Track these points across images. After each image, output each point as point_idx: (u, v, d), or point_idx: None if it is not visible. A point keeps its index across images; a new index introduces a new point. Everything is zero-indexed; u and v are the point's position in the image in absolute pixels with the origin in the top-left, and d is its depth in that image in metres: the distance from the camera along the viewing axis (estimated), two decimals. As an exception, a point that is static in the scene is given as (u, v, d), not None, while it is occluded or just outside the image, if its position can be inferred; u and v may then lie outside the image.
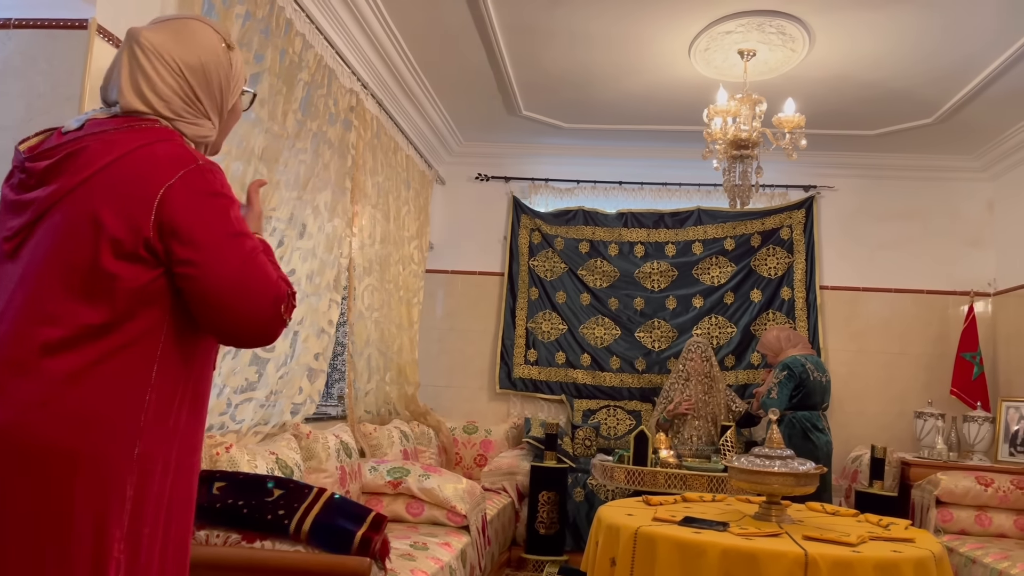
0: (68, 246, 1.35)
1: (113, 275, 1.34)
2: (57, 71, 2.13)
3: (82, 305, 1.33)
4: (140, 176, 1.37)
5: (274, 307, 1.41)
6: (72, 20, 2.14)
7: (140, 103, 1.46)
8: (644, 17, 3.93)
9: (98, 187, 1.37)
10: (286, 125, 3.25)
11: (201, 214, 1.38)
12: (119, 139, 1.41)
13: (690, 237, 5.97)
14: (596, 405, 5.88)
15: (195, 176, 1.40)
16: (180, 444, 1.43)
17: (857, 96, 4.75)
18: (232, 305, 1.38)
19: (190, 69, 1.49)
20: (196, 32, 1.53)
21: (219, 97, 1.55)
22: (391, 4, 3.92)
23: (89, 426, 1.30)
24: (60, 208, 1.38)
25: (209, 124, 1.55)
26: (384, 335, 4.69)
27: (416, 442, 4.85)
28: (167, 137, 1.44)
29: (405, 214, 5.09)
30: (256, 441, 3.04)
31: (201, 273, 1.37)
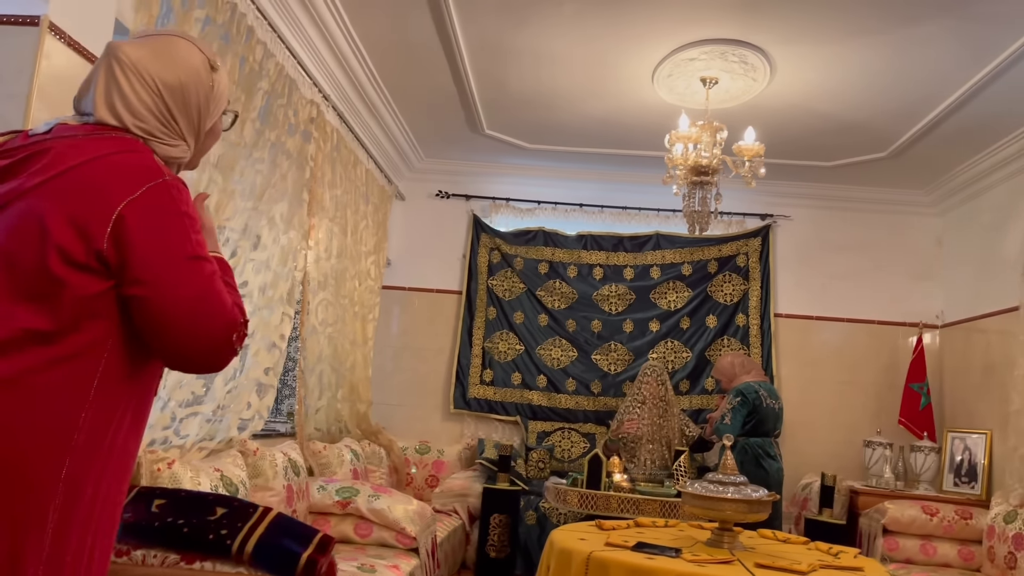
0: (16, 247, 1.29)
1: (60, 280, 1.27)
2: (5, 68, 2.05)
3: (25, 308, 1.26)
4: (100, 185, 1.31)
5: (226, 335, 1.35)
6: (23, 16, 2.06)
7: (112, 118, 1.41)
8: (609, 41, 3.95)
9: (55, 191, 1.31)
10: (243, 134, 3.18)
11: (160, 233, 1.32)
12: (85, 145, 1.36)
13: (648, 261, 6.00)
14: (551, 427, 5.84)
15: (159, 192, 1.34)
16: (113, 467, 1.36)
17: (815, 127, 4.84)
18: (183, 331, 1.32)
19: (168, 88, 1.44)
20: (179, 50, 1.48)
21: (196, 118, 1.50)
22: (356, 16, 3.89)
23: (15, 439, 1.22)
24: (13, 207, 1.32)
25: (183, 145, 1.50)
26: (337, 351, 4.61)
27: (367, 461, 4.76)
28: (135, 148, 1.39)
29: (363, 229, 5.02)
30: (201, 457, 2.94)
31: (154, 295, 1.31)
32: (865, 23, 3.58)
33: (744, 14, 3.60)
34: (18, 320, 1.26)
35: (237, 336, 1.38)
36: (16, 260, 1.28)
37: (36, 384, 1.25)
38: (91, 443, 1.30)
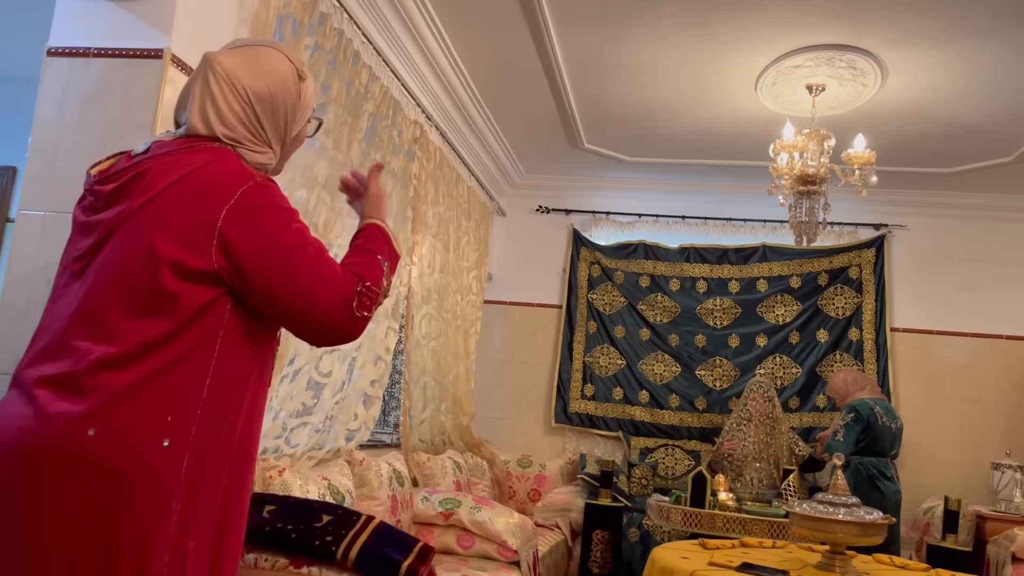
0: (129, 266, 1.38)
1: (174, 294, 1.36)
2: (132, 99, 2.20)
3: (143, 322, 1.35)
4: (199, 198, 1.39)
5: (345, 308, 1.43)
6: (148, 50, 2.22)
7: (203, 127, 1.50)
8: (710, 50, 3.89)
9: (159, 208, 1.40)
10: (350, 154, 3.30)
11: (260, 234, 1.40)
12: (179, 160, 1.44)
13: (755, 274, 5.84)
14: (654, 443, 5.75)
15: (253, 193, 1.42)
16: (235, 456, 1.43)
17: (931, 132, 4.61)
18: (303, 315, 1.42)
19: (258, 97, 1.52)
20: (269, 60, 1.55)
21: (283, 126, 1.57)
22: (457, 38, 3.98)
23: (137, 441, 1.31)
24: (123, 229, 1.41)
25: (270, 152, 1.57)
26: (440, 364, 4.69)
27: (469, 473, 4.82)
28: (224, 156, 1.47)
29: (465, 244, 5.11)
30: (310, 466, 3.05)
31: (268, 289, 1.40)
32: (981, 21, 3.40)
33: (851, 18, 3.48)
34: (138, 335, 1.34)
35: (358, 304, 1.45)
36: (131, 279, 1.37)
37: (153, 389, 1.33)
38: (208, 437, 1.38)
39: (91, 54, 2.24)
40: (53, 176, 2.20)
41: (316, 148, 3.04)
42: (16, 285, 2.15)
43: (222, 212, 1.38)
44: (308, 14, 2.89)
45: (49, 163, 2.21)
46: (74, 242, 1.50)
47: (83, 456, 1.28)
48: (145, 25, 2.23)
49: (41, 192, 2.19)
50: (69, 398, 1.31)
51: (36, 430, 1.30)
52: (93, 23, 2.26)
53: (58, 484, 1.28)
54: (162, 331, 1.35)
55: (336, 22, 3.15)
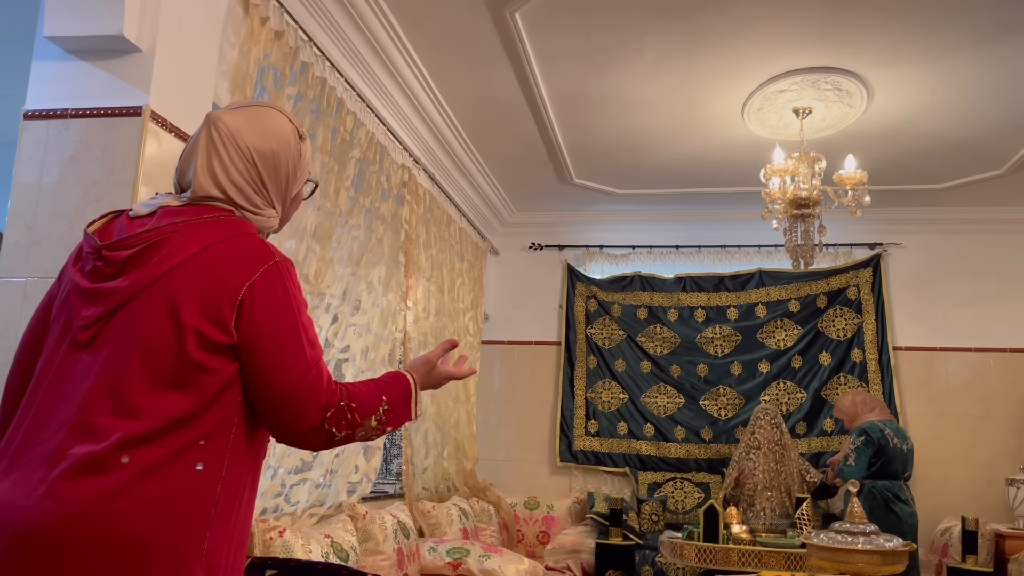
0: (152, 337, 1.33)
1: (201, 366, 1.33)
2: (112, 158, 2.16)
3: (168, 397, 1.31)
4: (222, 271, 1.37)
5: (319, 415, 1.39)
6: (127, 108, 2.18)
7: (214, 187, 1.47)
8: (694, 80, 3.89)
9: (181, 279, 1.36)
10: (339, 202, 3.26)
11: (275, 316, 1.39)
12: (200, 232, 1.41)
13: (752, 300, 5.80)
14: (662, 478, 5.65)
15: (273, 274, 1.40)
16: (239, 535, 1.39)
17: (920, 149, 4.60)
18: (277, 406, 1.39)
19: (261, 156, 1.50)
20: (271, 120, 1.54)
21: (284, 185, 1.55)
22: (440, 80, 3.97)
23: (164, 518, 1.26)
24: (142, 298, 1.36)
25: (273, 212, 1.55)
26: (441, 409, 4.61)
27: (476, 520, 4.71)
28: (245, 231, 1.45)
29: (459, 286, 5.06)
30: (311, 523, 2.96)
31: (257, 370, 1.37)
32: (964, 37, 3.40)
33: (834, 40, 3.48)
34: (164, 410, 1.30)
35: (332, 416, 1.39)
36: (155, 351, 1.33)
37: (181, 465, 1.29)
38: (225, 514, 1.34)
39: (69, 115, 2.21)
40: (34, 241, 2.15)
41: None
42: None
43: (244, 286, 1.37)
44: (289, 64, 2.87)
45: (29, 228, 2.16)
46: (77, 310, 1.41)
47: (111, 534, 1.23)
48: (123, 83, 2.20)
49: (22, 258, 2.14)
50: (90, 476, 1.25)
51: (54, 510, 1.24)
52: (69, 84, 2.23)
53: (84, 566, 1.22)
54: (189, 406, 1.31)
55: (318, 70, 3.13)
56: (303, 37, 3.01)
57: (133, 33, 2.17)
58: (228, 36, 2.58)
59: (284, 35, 2.83)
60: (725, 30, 3.43)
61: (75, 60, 2.23)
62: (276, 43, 2.79)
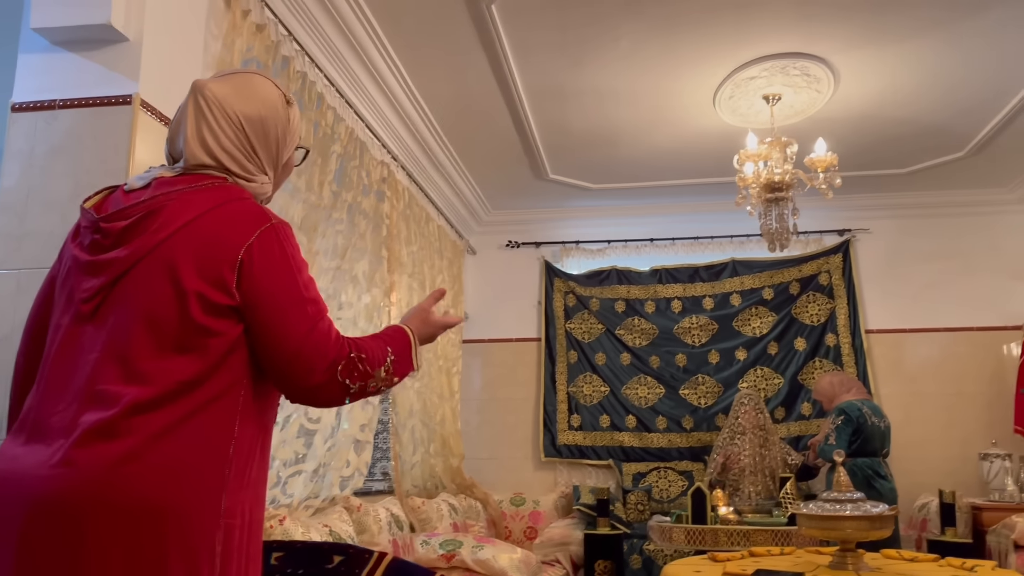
0: (155, 304, 1.34)
1: (206, 328, 1.34)
2: (103, 147, 2.16)
3: (176, 361, 1.32)
4: (220, 235, 1.38)
5: (330, 369, 1.39)
6: (116, 97, 2.18)
7: (205, 155, 1.47)
8: (668, 69, 3.96)
9: (179, 244, 1.37)
10: (322, 195, 3.27)
11: (274, 276, 1.39)
12: (196, 198, 1.42)
13: (727, 289, 5.89)
14: (645, 468, 5.71)
15: (270, 236, 1.41)
16: (252, 496, 1.40)
17: (886, 134, 4.73)
18: (287, 363, 1.39)
19: (249, 122, 1.50)
20: (257, 86, 1.55)
21: (275, 150, 1.56)
22: (417, 75, 4.00)
23: (179, 480, 1.28)
24: (142, 267, 1.37)
25: (265, 178, 1.56)
26: (427, 406, 4.62)
27: (465, 516, 4.72)
28: (240, 196, 1.46)
29: (440, 283, 5.08)
30: (308, 515, 2.96)
31: (267, 333, 1.38)
32: (927, 18, 3.51)
33: (801, 25, 3.57)
34: (172, 374, 1.31)
35: (344, 368, 1.40)
36: (159, 316, 1.34)
37: (191, 428, 1.30)
38: (239, 476, 1.35)
39: (57, 106, 2.20)
40: (25, 232, 2.14)
41: (290, 190, 3.01)
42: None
43: (241, 251, 1.37)
44: (271, 57, 2.89)
45: (20, 220, 2.15)
46: (78, 283, 1.42)
47: (127, 499, 1.24)
48: (112, 73, 2.20)
49: (14, 250, 2.13)
50: (104, 442, 1.26)
51: (70, 477, 1.25)
52: (57, 76, 2.23)
53: (103, 531, 1.23)
54: (197, 370, 1.33)
55: (298, 65, 3.15)
56: (283, 32, 3.02)
57: (120, 22, 2.18)
58: (211, 29, 2.59)
59: (265, 28, 2.85)
60: (697, 18, 3.50)
61: (62, 51, 2.23)
62: (258, 36, 2.80)
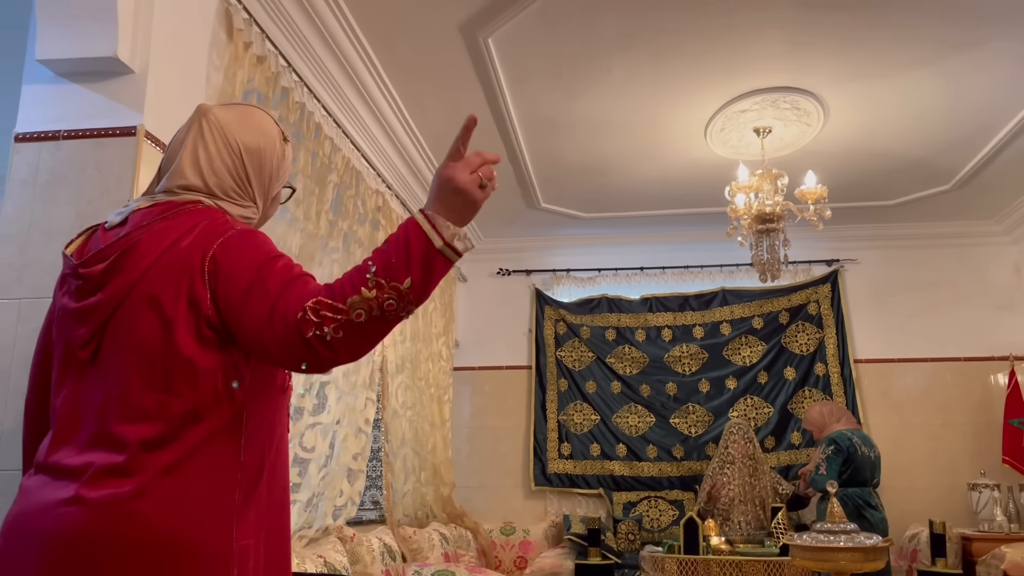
0: (144, 340, 1.34)
1: (196, 357, 1.33)
2: (107, 177, 2.17)
3: (173, 394, 1.32)
4: (191, 255, 1.36)
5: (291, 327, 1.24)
6: (121, 128, 2.20)
7: (195, 177, 1.49)
8: (660, 102, 4.02)
9: (157, 276, 1.36)
10: (320, 225, 3.29)
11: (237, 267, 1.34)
12: (167, 227, 1.41)
13: (717, 318, 5.93)
14: (636, 497, 5.70)
15: (233, 239, 1.38)
16: (266, 519, 1.39)
17: (873, 167, 4.80)
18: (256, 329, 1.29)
19: (248, 151, 1.53)
20: (259, 119, 1.58)
21: (267, 183, 1.58)
22: (413, 105, 4.04)
23: (189, 513, 1.27)
24: (126, 306, 1.37)
25: (253, 208, 1.57)
26: (418, 434, 4.61)
27: (455, 545, 4.69)
28: (212, 216, 1.44)
29: (432, 311, 5.09)
30: (302, 545, 2.94)
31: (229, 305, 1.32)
32: (915, 55, 3.59)
33: (791, 59, 3.65)
34: (171, 407, 1.31)
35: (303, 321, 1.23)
36: (149, 352, 1.33)
37: (199, 460, 1.30)
38: (247, 500, 1.35)
39: (61, 136, 2.22)
40: (27, 261, 2.14)
41: (288, 219, 3.03)
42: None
43: (208, 257, 1.35)
44: (271, 88, 2.92)
45: (22, 249, 2.15)
46: (70, 330, 1.42)
47: (139, 534, 1.24)
48: (117, 104, 2.22)
49: (15, 279, 2.13)
50: (113, 480, 1.26)
51: (80, 514, 1.25)
52: (61, 106, 2.24)
53: (117, 568, 1.22)
54: (194, 400, 1.32)
55: (297, 96, 3.17)
56: (283, 63, 3.06)
57: (126, 54, 2.20)
58: (214, 60, 2.61)
59: (266, 60, 2.88)
60: (690, 51, 3.57)
61: (66, 83, 2.25)
62: (259, 67, 2.83)
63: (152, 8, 2.28)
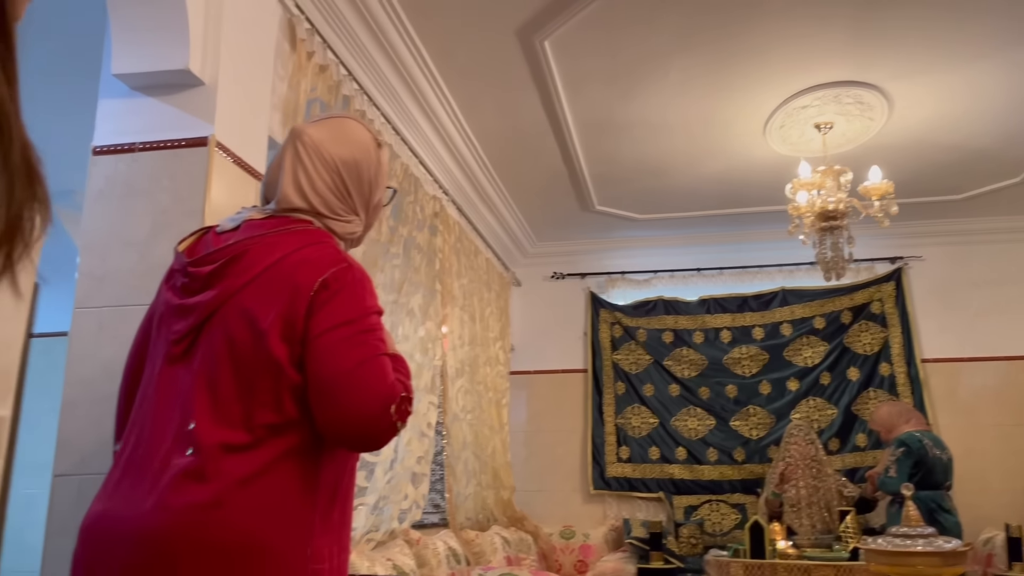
0: (237, 347, 1.36)
1: (278, 372, 1.33)
2: (180, 187, 2.22)
3: (259, 404, 1.33)
4: (296, 277, 1.38)
5: (383, 406, 1.30)
6: (193, 139, 2.25)
7: (299, 200, 1.51)
8: (718, 101, 3.97)
9: (259, 289, 1.39)
10: (381, 231, 3.32)
11: (336, 305, 1.37)
12: (279, 242, 1.44)
13: (777, 319, 5.82)
14: (697, 501, 5.62)
15: (342, 273, 1.39)
16: (338, 541, 1.40)
17: (940, 160, 4.67)
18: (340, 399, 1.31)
19: (345, 165, 1.54)
20: (352, 130, 1.60)
21: (367, 192, 1.60)
22: (468, 110, 4.06)
23: (267, 525, 1.28)
24: (225, 310, 1.39)
25: (357, 220, 1.59)
26: (478, 437, 4.63)
27: (516, 549, 4.69)
28: (320, 240, 1.47)
29: (489, 315, 5.10)
30: (370, 548, 2.96)
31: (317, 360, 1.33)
32: (982, 46, 3.49)
33: (855, 54, 3.57)
34: (256, 418, 1.32)
35: (397, 410, 1.31)
36: (240, 359, 1.35)
37: (279, 473, 1.31)
38: (324, 520, 1.35)
39: (137, 149, 2.27)
40: (106, 271, 2.20)
41: (351, 226, 3.06)
42: (77, 385, 2.12)
43: (316, 284, 1.36)
44: (333, 96, 2.96)
45: (102, 260, 2.21)
46: (169, 324, 1.46)
47: (220, 539, 1.25)
48: (188, 116, 2.27)
49: (96, 288, 2.19)
50: (193, 485, 1.28)
51: (162, 520, 1.27)
52: (136, 119, 2.30)
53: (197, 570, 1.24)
54: (280, 414, 1.33)
55: (358, 103, 3.22)
56: (344, 72, 3.10)
57: (197, 67, 2.25)
58: (278, 70, 2.66)
59: (328, 69, 2.92)
60: (750, 48, 3.52)
61: (140, 96, 2.31)
62: (321, 76, 2.87)
63: (220, 21, 2.33)
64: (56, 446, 2.09)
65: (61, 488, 2.06)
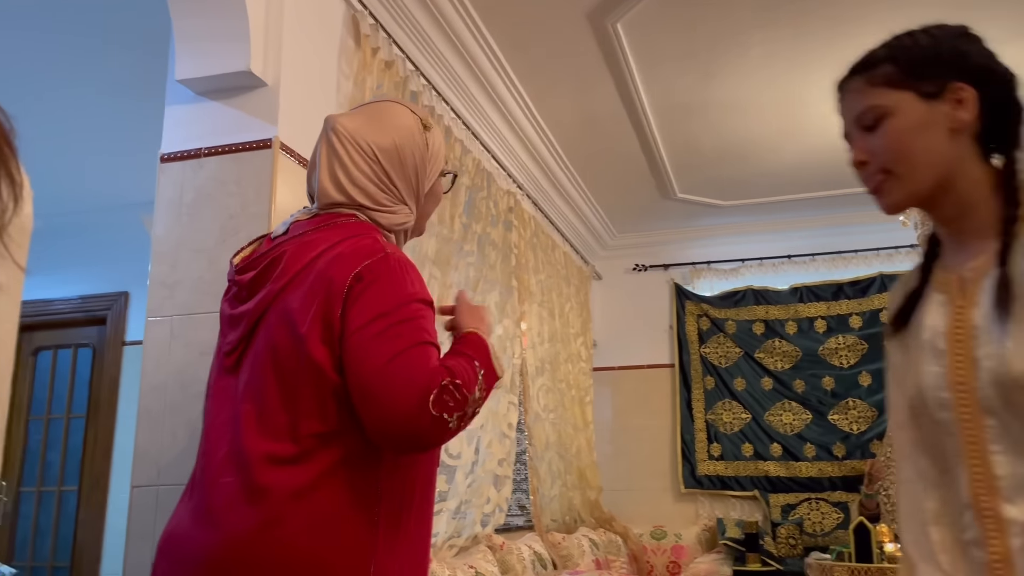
0: (280, 354, 1.29)
1: (320, 377, 1.25)
2: (245, 191, 2.18)
3: (305, 412, 1.25)
4: (330, 273, 1.29)
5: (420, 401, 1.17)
6: (257, 141, 2.21)
7: (338, 194, 1.43)
8: (798, 77, 3.74)
9: (296, 291, 1.31)
10: (454, 228, 3.24)
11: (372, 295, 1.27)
12: (315, 239, 1.37)
13: (876, 306, 5.49)
14: (795, 499, 5.36)
15: (379, 263, 1.29)
16: (410, 558, 1.31)
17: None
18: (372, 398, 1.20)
19: (383, 152, 1.44)
20: (391, 114, 1.49)
21: (415, 180, 1.49)
22: (540, 102, 3.94)
23: (323, 544, 1.20)
24: (268, 317, 1.34)
25: (406, 210, 1.49)
26: (562, 437, 4.51)
27: (605, 551, 4.55)
28: (361, 232, 1.37)
29: (568, 311, 4.98)
30: (452, 555, 2.89)
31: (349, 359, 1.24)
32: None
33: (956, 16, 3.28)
34: (303, 427, 1.24)
35: (436, 399, 1.18)
36: (284, 367, 1.28)
37: (333, 486, 1.23)
38: (390, 537, 1.26)
39: (202, 154, 2.25)
40: (177, 279, 2.18)
41: (422, 224, 2.99)
42: (151, 393, 2.11)
43: (350, 277, 1.27)
44: (401, 92, 2.89)
45: (172, 268, 2.20)
46: (223, 335, 1.43)
47: (274, 562, 1.19)
48: (251, 118, 2.23)
49: (167, 296, 2.17)
50: (245, 503, 1.22)
51: (217, 540, 1.22)
52: (200, 124, 2.28)
53: None
54: (328, 421, 1.24)
55: (426, 99, 3.14)
56: (411, 67, 3.03)
57: (259, 68, 2.21)
58: (343, 68, 2.61)
59: (394, 64, 2.85)
60: (834, 18, 3.28)
61: (204, 100, 2.28)
62: (387, 72, 2.81)
63: (282, 20, 2.28)
64: (133, 456, 2.08)
65: (139, 499, 2.05)
